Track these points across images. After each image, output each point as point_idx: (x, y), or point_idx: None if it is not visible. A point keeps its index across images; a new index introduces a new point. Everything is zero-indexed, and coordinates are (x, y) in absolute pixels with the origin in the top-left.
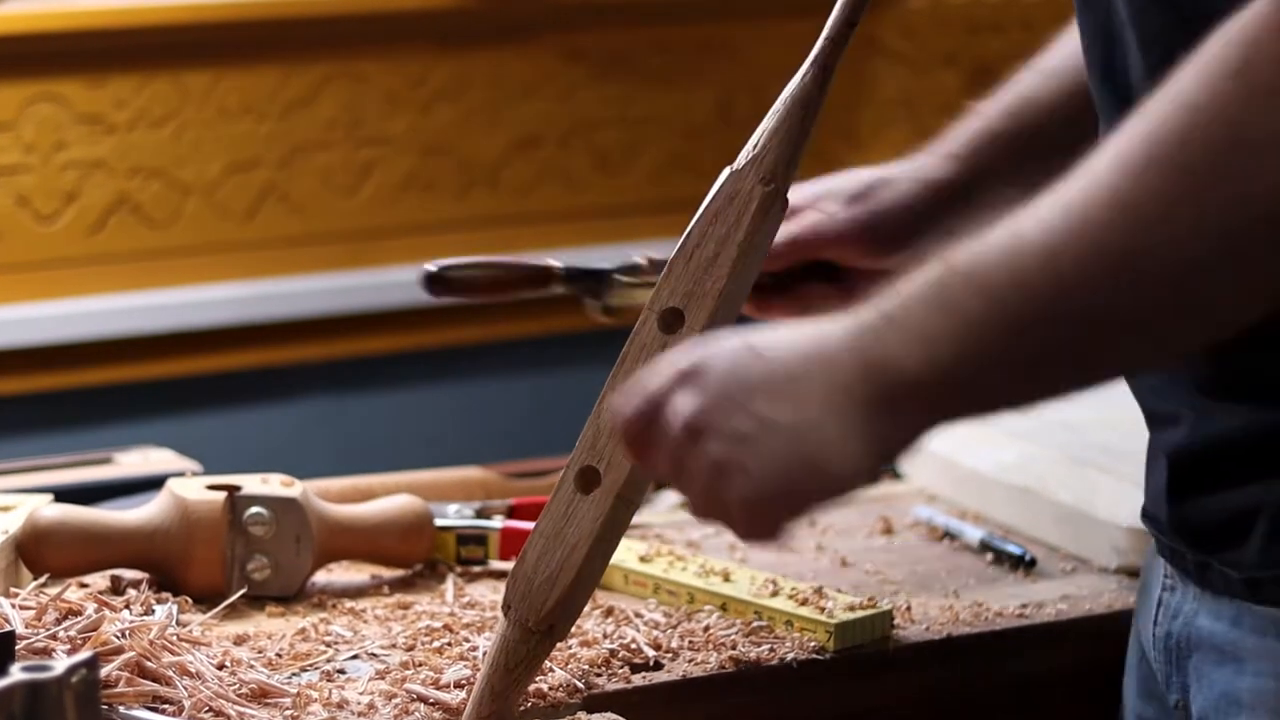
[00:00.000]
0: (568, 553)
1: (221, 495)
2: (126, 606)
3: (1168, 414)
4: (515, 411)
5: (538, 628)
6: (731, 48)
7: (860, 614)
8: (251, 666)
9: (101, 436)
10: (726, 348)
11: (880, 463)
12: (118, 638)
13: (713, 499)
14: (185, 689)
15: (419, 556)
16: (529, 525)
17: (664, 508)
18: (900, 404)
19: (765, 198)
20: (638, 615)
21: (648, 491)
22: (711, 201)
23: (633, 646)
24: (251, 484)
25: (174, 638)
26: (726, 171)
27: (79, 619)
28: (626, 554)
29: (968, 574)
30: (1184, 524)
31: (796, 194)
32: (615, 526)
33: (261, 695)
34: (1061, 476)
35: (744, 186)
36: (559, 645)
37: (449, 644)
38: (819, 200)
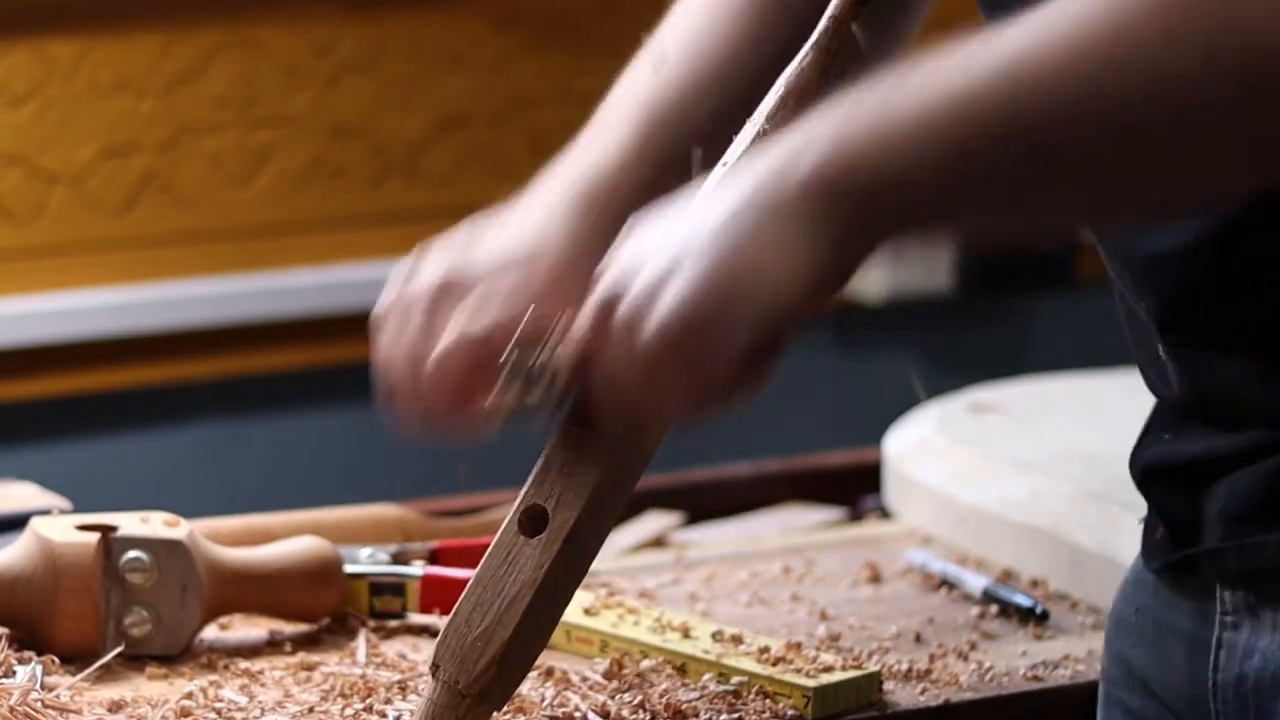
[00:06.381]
0: (506, 604)
1: (94, 537)
2: None
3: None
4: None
5: (468, 691)
6: None
7: (843, 676)
8: None
9: None
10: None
11: (828, 274)
12: None
13: (633, 355)
14: None
15: (326, 609)
16: (456, 572)
17: (612, 552)
18: (836, 201)
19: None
20: (582, 679)
21: (606, 536)
22: None
23: (576, 714)
24: (129, 524)
25: (38, 704)
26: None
27: None
28: (570, 606)
29: (969, 629)
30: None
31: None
32: (565, 576)
33: None
34: (1079, 515)
35: None
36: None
37: (361, 711)
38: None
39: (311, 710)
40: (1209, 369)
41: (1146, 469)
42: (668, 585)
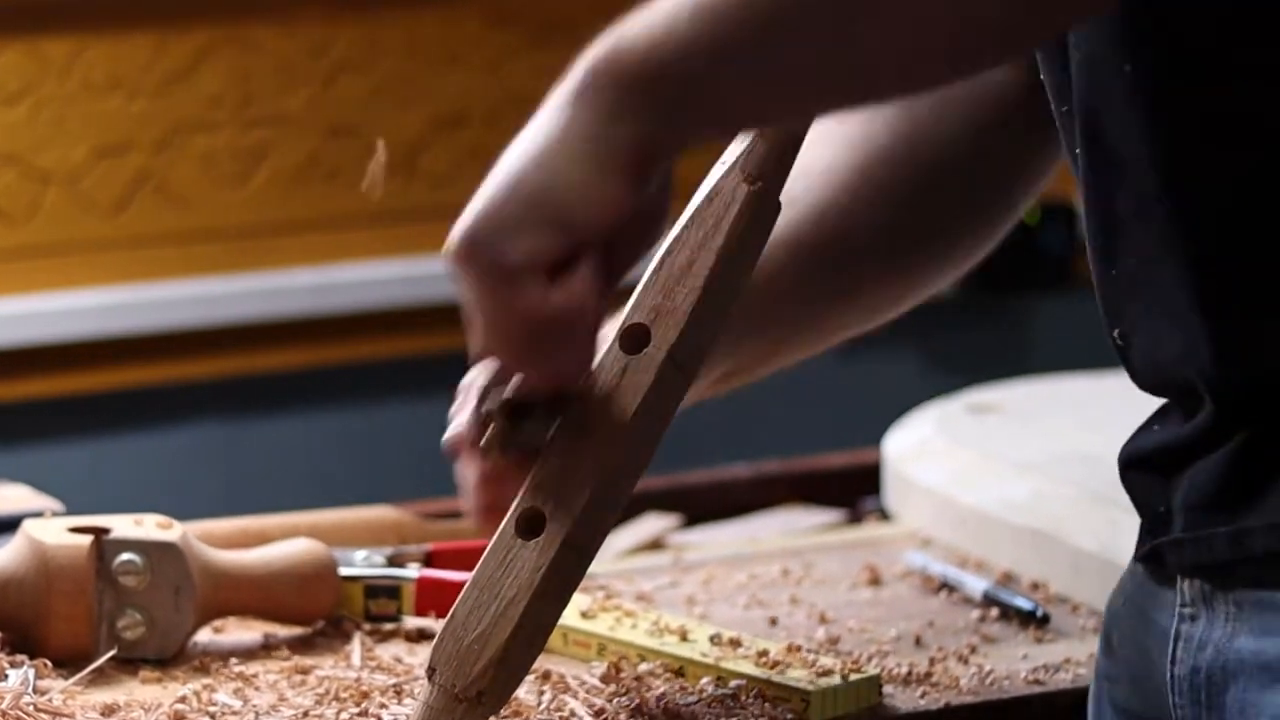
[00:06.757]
0: (503, 607)
1: (87, 539)
2: None
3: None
4: (434, 440)
5: (465, 695)
6: None
7: (842, 680)
8: None
9: None
10: None
11: (621, 163)
12: None
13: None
14: None
15: (321, 611)
16: (451, 575)
17: (610, 554)
18: (608, 89)
19: (751, 199)
20: (579, 682)
21: (604, 539)
22: (692, 202)
23: (573, 718)
24: (122, 526)
25: (30, 708)
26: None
27: None
28: (567, 609)
29: (969, 632)
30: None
31: None
32: (562, 580)
33: None
34: (1081, 517)
35: (726, 184)
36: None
37: (356, 715)
38: None
39: (306, 714)
40: (1153, 348)
41: (1126, 458)
42: (665, 588)
